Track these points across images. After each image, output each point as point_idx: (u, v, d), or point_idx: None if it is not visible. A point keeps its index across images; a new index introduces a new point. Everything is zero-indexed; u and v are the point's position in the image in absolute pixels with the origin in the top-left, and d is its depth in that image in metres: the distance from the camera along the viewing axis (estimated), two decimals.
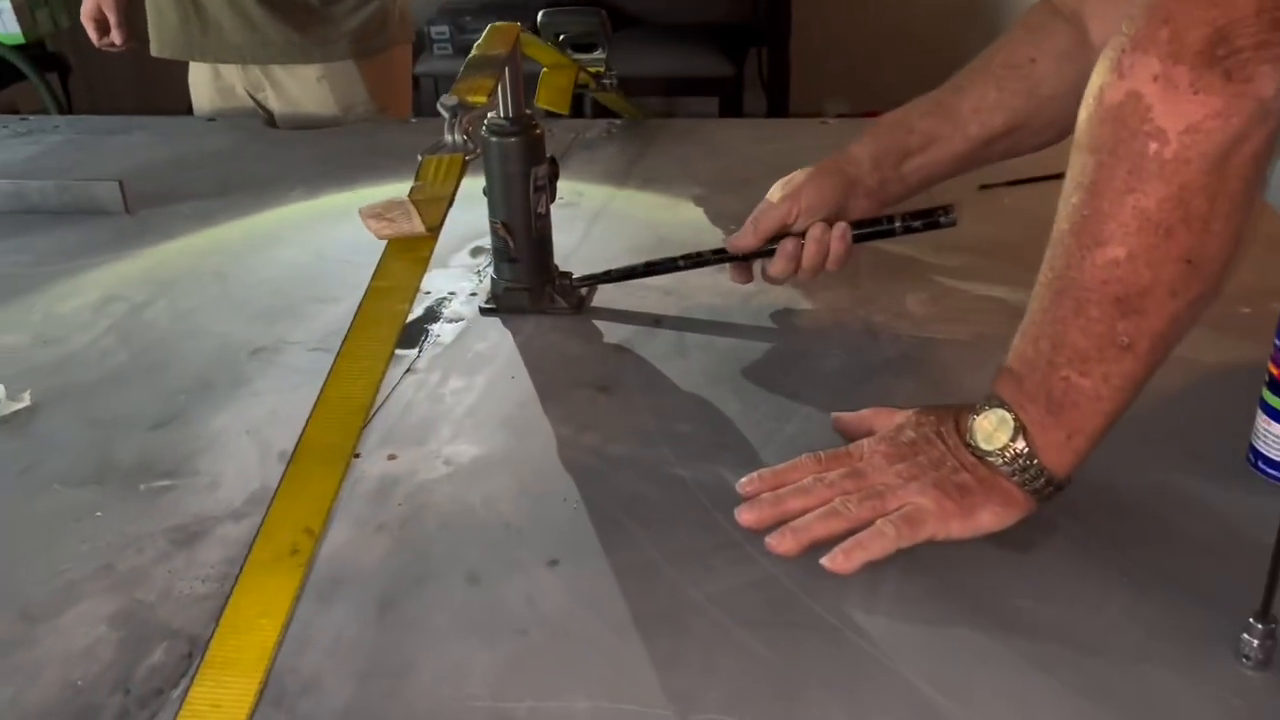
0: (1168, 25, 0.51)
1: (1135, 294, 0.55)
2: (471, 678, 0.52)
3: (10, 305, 0.97)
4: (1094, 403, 0.58)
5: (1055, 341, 0.58)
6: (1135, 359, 0.57)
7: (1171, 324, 0.56)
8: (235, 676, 0.46)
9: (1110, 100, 0.54)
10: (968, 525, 0.60)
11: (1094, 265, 0.55)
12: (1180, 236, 0.53)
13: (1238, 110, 0.51)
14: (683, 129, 1.47)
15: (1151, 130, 0.52)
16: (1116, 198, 0.54)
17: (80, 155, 1.45)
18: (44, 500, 0.68)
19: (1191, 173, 0.52)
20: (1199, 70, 0.51)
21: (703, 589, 0.58)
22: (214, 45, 1.60)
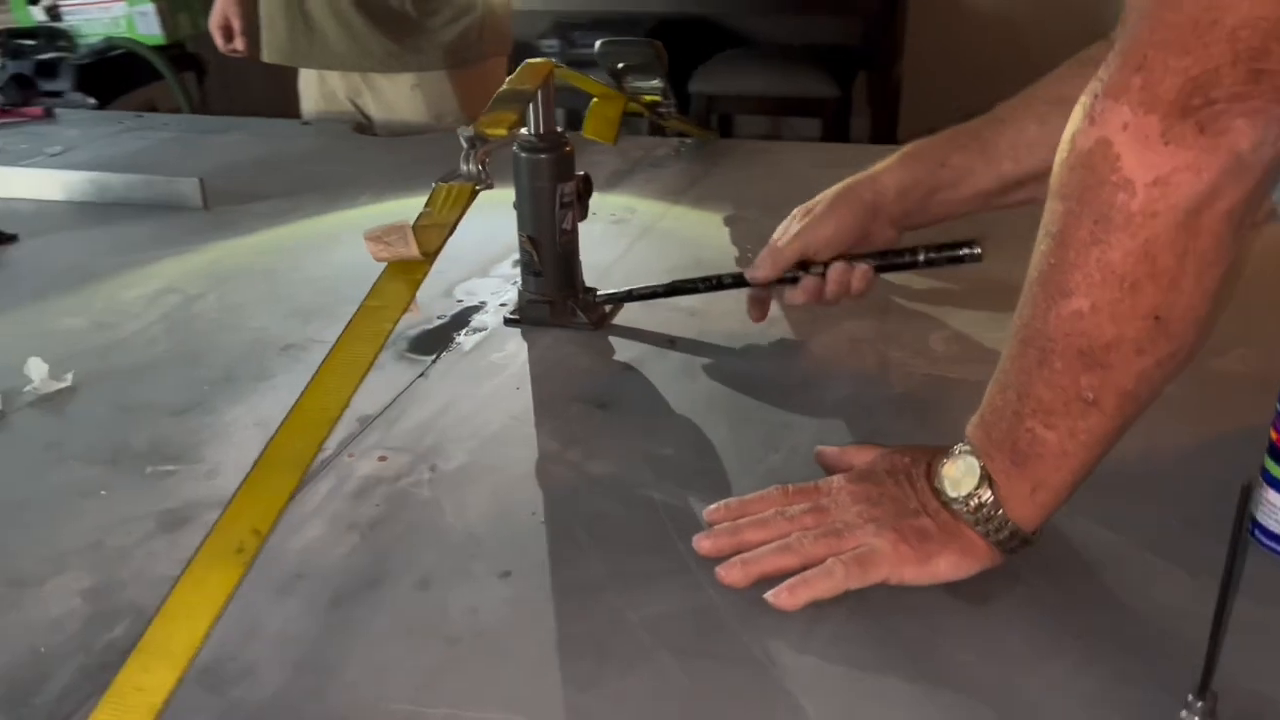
0: (1141, 72, 0.49)
1: (1099, 348, 0.53)
2: (395, 681, 0.54)
3: (80, 290, 1.04)
4: (1059, 457, 0.56)
5: (1020, 392, 0.56)
6: (1101, 415, 0.54)
7: (1139, 382, 0.53)
8: (161, 663, 0.49)
9: (1081, 146, 0.52)
10: (923, 572, 0.58)
11: (1058, 316, 0.53)
12: (1147, 292, 0.51)
13: (1209, 165, 0.48)
14: (750, 150, 1.47)
15: (1119, 180, 0.50)
16: (1082, 248, 0.52)
17: (180, 152, 1.54)
18: (59, 475, 0.73)
19: (1159, 226, 0.50)
20: (1171, 121, 0.48)
21: (640, 612, 0.58)
22: (318, 53, 1.67)
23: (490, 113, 0.81)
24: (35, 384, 0.83)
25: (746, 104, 2.94)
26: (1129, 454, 0.69)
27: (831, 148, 1.74)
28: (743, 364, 0.85)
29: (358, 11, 1.60)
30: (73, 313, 0.98)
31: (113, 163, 1.43)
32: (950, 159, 0.84)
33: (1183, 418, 0.75)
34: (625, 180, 1.31)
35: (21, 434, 0.78)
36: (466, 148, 0.76)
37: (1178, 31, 0.47)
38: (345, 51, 1.64)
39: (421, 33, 1.62)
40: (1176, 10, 0.47)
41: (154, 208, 1.26)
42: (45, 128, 1.67)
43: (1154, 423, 0.73)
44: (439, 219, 0.73)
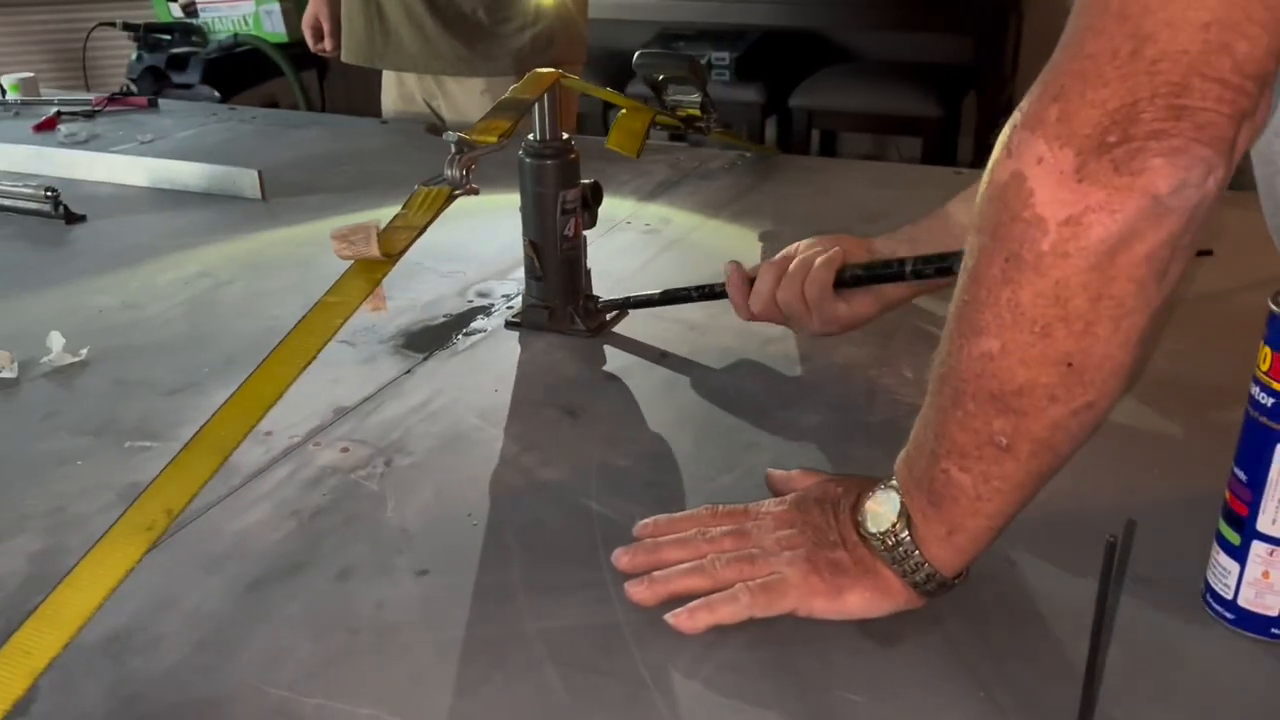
0: (1058, 103, 0.46)
1: (1011, 392, 0.50)
2: (284, 667, 0.54)
3: (122, 271, 1.09)
4: (974, 502, 0.53)
5: (938, 431, 0.54)
6: (1016, 461, 0.51)
7: (1054, 430, 0.50)
8: (51, 629, 0.51)
9: (997, 179, 0.48)
10: (832, 606, 0.56)
11: (969, 356, 0.51)
12: (1058, 336, 0.48)
13: (1124, 206, 0.45)
14: (808, 167, 1.45)
15: (1031, 217, 0.47)
16: (993, 286, 0.49)
17: (257, 144, 1.60)
18: (47, 443, 0.76)
19: (1070, 268, 0.46)
20: (1086, 157, 0.45)
21: (541, 623, 0.57)
22: (393, 54, 1.72)
23: (485, 119, 0.82)
24: (51, 356, 0.87)
25: (847, 120, 2.89)
26: (1098, 504, 0.66)
27: (888, 168, 1.69)
28: (728, 381, 0.84)
29: (430, 15, 1.64)
30: (108, 291, 1.03)
31: (194, 152, 1.50)
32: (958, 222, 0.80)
33: (1166, 470, 0.71)
34: (670, 190, 1.31)
35: (27, 401, 0.83)
36: (453, 152, 0.77)
37: (1095, 61, 0.44)
38: (418, 54, 1.68)
39: (493, 39, 1.65)
40: (1096, 39, 0.45)
41: (216, 197, 1.32)
42: (146, 116, 1.76)
43: (1131, 474, 0.69)
44: (410, 221, 0.74)
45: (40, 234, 1.20)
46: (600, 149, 1.05)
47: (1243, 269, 0.95)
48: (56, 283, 1.07)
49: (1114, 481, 0.68)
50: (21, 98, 1.83)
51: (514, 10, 1.65)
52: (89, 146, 1.55)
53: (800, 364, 0.86)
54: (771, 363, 0.87)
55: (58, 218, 1.22)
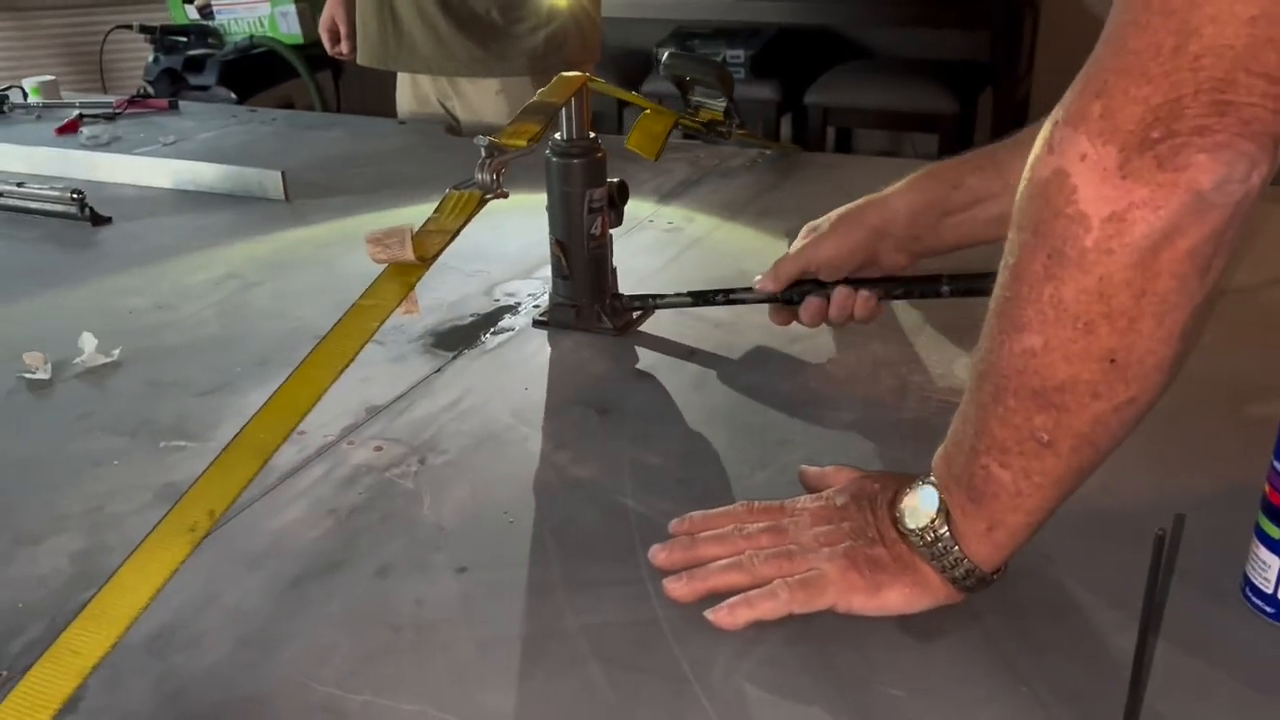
0: (1101, 99, 0.46)
1: (1053, 388, 0.50)
2: (328, 664, 0.55)
3: (150, 272, 1.10)
4: (1014, 498, 0.53)
5: (978, 428, 0.54)
6: (1056, 457, 0.51)
7: (1096, 426, 0.50)
8: (99, 628, 0.51)
9: (1038, 176, 0.49)
10: (871, 602, 0.56)
11: (1011, 352, 0.51)
12: (1101, 333, 0.48)
13: (1167, 202, 0.45)
14: (828, 164, 1.45)
15: (1075, 214, 0.47)
16: (1036, 282, 0.49)
17: (279, 146, 1.61)
18: (83, 443, 0.77)
19: (1113, 264, 0.46)
20: (1129, 153, 0.45)
21: (582, 619, 0.57)
22: (407, 56, 1.73)
23: (514, 123, 0.82)
24: (84, 357, 0.88)
25: (863, 117, 2.89)
26: (1135, 499, 0.66)
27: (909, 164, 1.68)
28: (757, 378, 0.84)
29: (444, 17, 1.65)
30: (139, 292, 1.04)
31: (216, 153, 1.51)
32: (965, 181, 0.81)
33: (1203, 464, 0.70)
34: (691, 189, 1.31)
35: (61, 402, 0.83)
36: (484, 156, 0.77)
37: (1139, 57, 0.44)
38: (432, 55, 1.69)
39: (506, 39, 1.65)
40: (1140, 34, 0.44)
41: (240, 198, 1.33)
42: (167, 118, 1.77)
43: (1168, 469, 0.69)
44: (443, 225, 0.75)
45: (67, 236, 1.21)
46: (618, 148, 1.05)
47: (1277, 263, 0.95)
48: (86, 284, 1.08)
49: (1150, 476, 0.68)
50: (43, 100, 1.84)
51: (527, 10, 1.65)
52: (111, 149, 1.56)
53: (829, 361, 0.86)
54: (800, 360, 0.87)
55: (84, 220, 1.23)
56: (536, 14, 1.65)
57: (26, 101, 1.84)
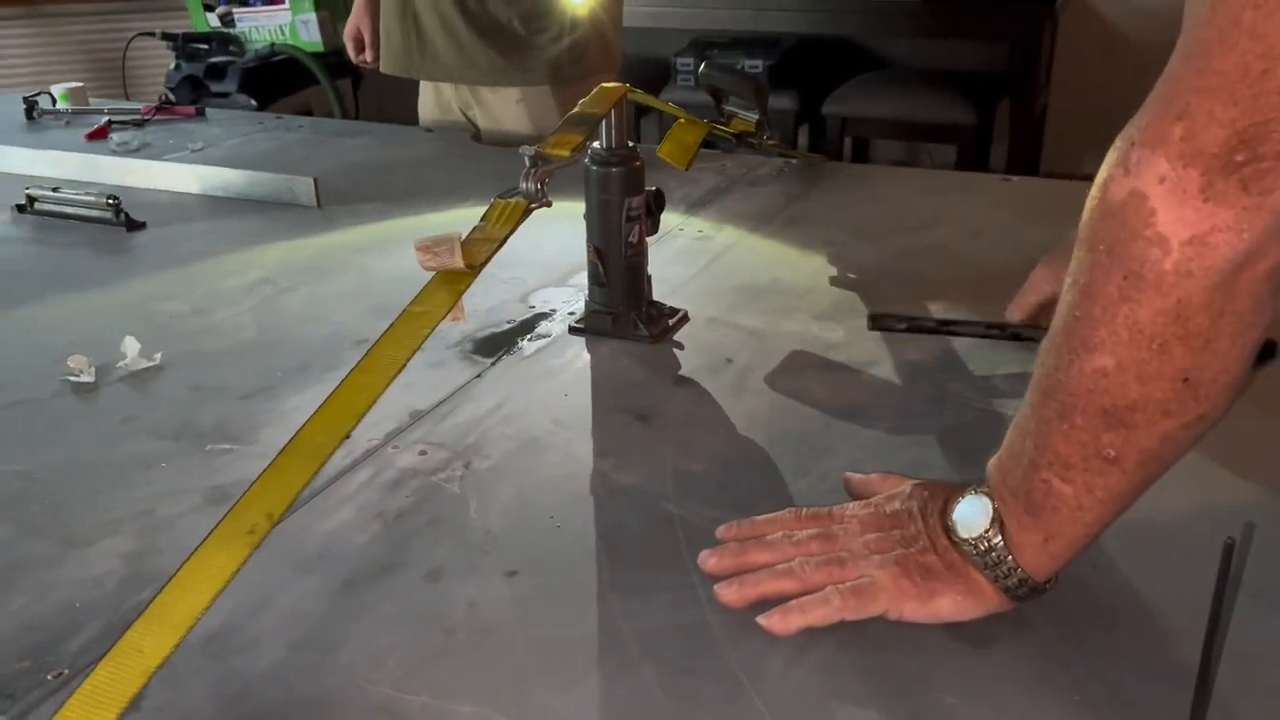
0: (1182, 121, 0.45)
1: (1124, 407, 0.50)
2: (385, 666, 0.55)
3: (188, 276, 1.11)
4: (1074, 511, 0.53)
5: (1039, 442, 0.54)
6: (1122, 473, 0.52)
7: (1164, 443, 0.50)
8: (163, 629, 0.52)
9: (1113, 196, 0.48)
10: (923, 609, 0.57)
11: (1081, 372, 0.51)
12: (1176, 353, 0.48)
13: (1252, 225, 0.44)
14: (855, 174, 1.45)
15: (1153, 236, 0.46)
16: (1110, 304, 0.49)
17: (307, 152, 1.62)
18: (129, 447, 0.78)
19: (1193, 287, 0.46)
20: (1212, 176, 0.44)
21: (634, 623, 0.58)
22: (429, 65, 1.74)
23: (557, 133, 0.83)
24: (127, 361, 0.89)
25: (880, 127, 2.90)
26: (1182, 508, 0.66)
27: (935, 174, 1.69)
28: (795, 386, 0.85)
29: (466, 26, 1.66)
30: (176, 297, 1.05)
31: (244, 160, 1.52)
32: None
33: (1252, 475, 0.71)
34: (720, 197, 1.32)
35: (106, 405, 0.84)
36: (528, 166, 0.78)
37: (1225, 79, 0.43)
38: (454, 64, 1.70)
39: (527, 49, 1.66)
40: (1226, 55, 0.43)
41: (270, 204, 1.34)
42: (194, 125, 1.79)
43: (1216, 479, 0.69)
44: (490, 233, 0.75)
45: (103, 241, 1.22)
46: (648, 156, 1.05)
47: None
48: (124, 289, 1.08)
49: (1198, 485, 0.68)
50: (72, 107, 1.86)
51: (549, 20, 1.66)
52: (141, 155, 1.57)
53: (865, 369, 0.87)
54: (836, 368, 0.87)
55: (119, 225, 1.24)
56: (558, 24, 1.66)
57: (55, 107, 1.86)
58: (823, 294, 1.01)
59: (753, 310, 0.98)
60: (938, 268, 1.06)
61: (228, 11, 3.14)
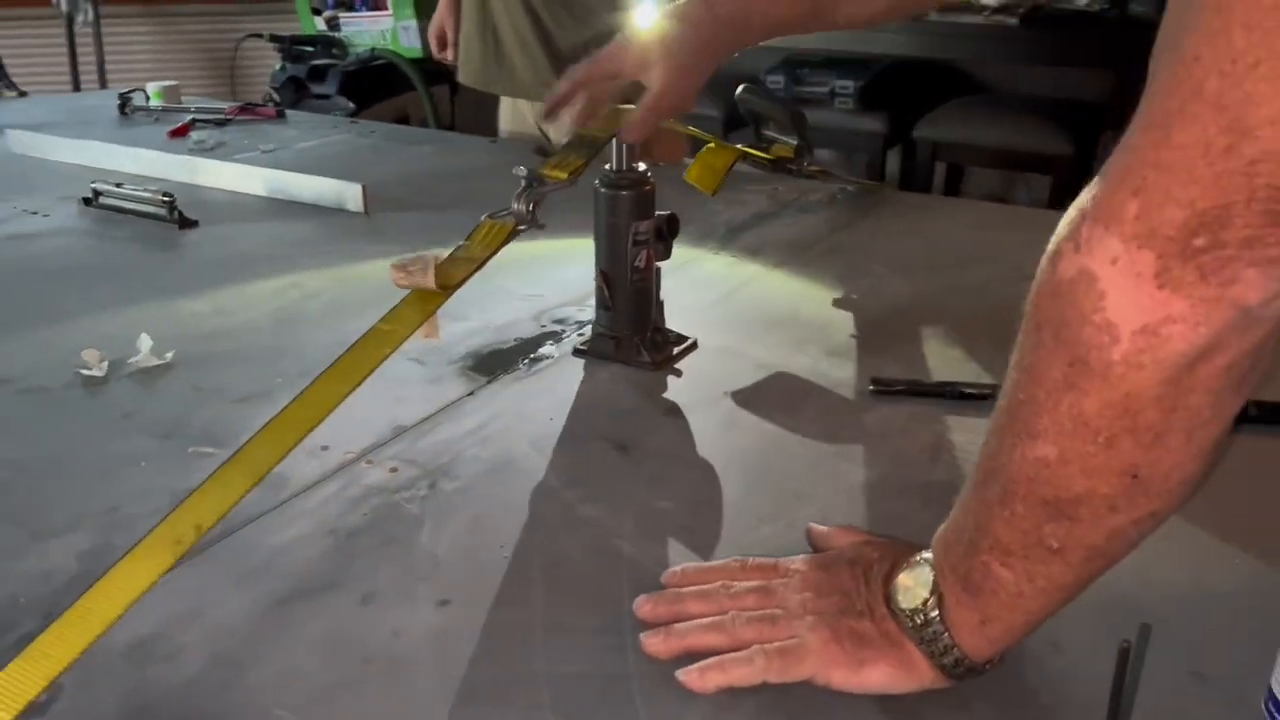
0: (1138, 198, 0.40)
1: (1067, 500, 0.46)
2: (294, 689, 0.55)
3: (221, 276, 1.13)
4: (1014, 598, 0.49)
5: (979, 523, 0.50)
6: (1065, 565, 0.48)
7: (1111, 538, 0.46)
8: (74, 634, 0.52)
9: (1061, 274, 0.43)
10: (852, 678, 0.53)
11: (1023, 459, 0.47)
12: (1124, 448, 0.44)
13: (1210, 318, 0.40)
14: (911, 204, 1.41)
15: (1101, 322, 0.42)
16: (1054, 390, 0.45)
17: (371, 158, 1.65)
18: (119, 443, 0.79)
19: (1143, 380, 0.42)
20: (1168, 261, 0.40)
21: (554, 666, 0.56)
22: (505, 81, 1.75)
23: (559, 155, 0.81)
24: (138, 358, 0.91)
25: (974, 154, 2.81)
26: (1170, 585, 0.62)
27: (998, 210, 1.61)
28: (789, 424, 0.81)
29: (542, 48, 1.67)
30: (203, 297, 1.07)
31: (310, 163, 1.55)
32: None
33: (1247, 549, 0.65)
34: (763, 222, 1.29)
35: (109, 400, 0.86)
36: (522, 186, 0.77)
37: (1184, 154, 0.39)
38: (529, 82, 1.71)
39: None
40: (1187, 127, 0.39)
41: (322, 208, 1.36)
42: (272, 126, 1.84)
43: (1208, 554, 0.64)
44: (472, 253, 0.75)
45: (154, 237, 1.26)
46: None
47: None
48: (158, 286, 1.11)
49: (1183, 560, 0.63)
50: (163, 104, 1.93)
51: None
52: (215, 154, 1.62)
53: (866, 411, 0.83)
54: (836, 408, 0.84)
55: (172, 222, 1.28)
56: None
57: (148, 105, 1.94)
58: (840, 329, 0.98)
59: (765, 342, 0.95)
60: (969, 308, 1.02)
61: (334, 16, 3.24)
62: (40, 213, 1.34)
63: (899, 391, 0.85)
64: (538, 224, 0.77)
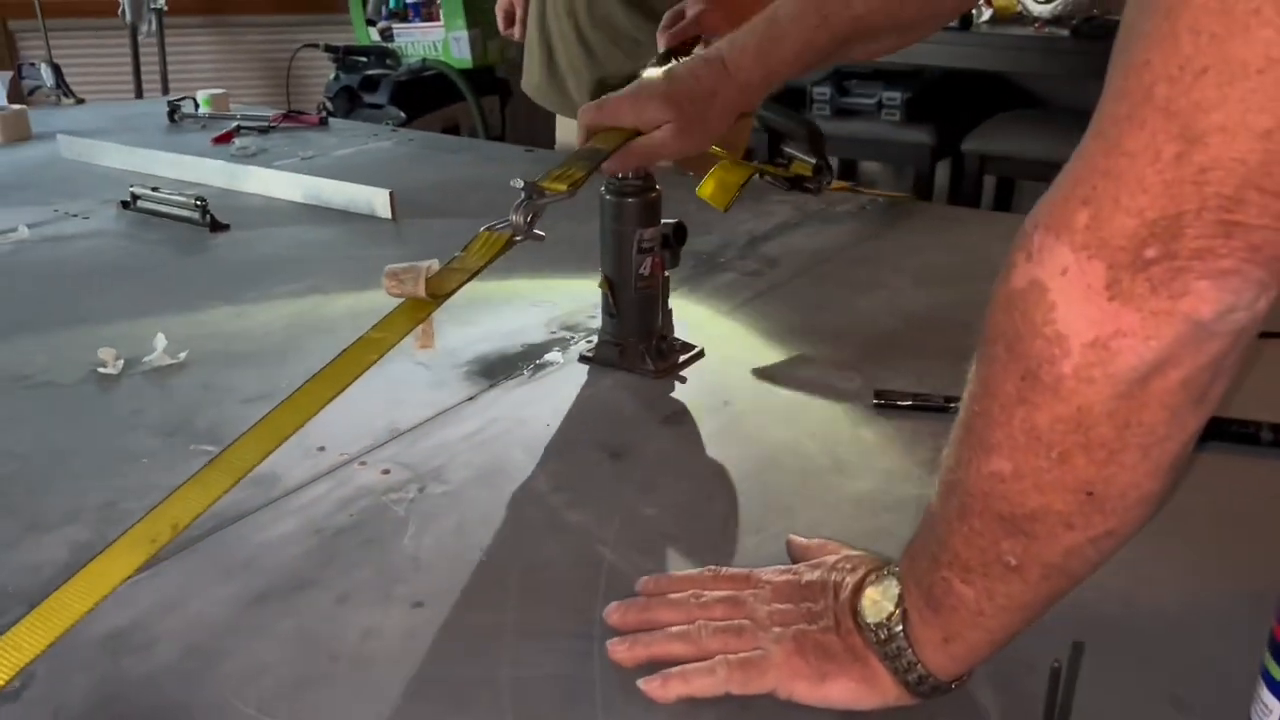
0: (1088, 207, 0.39)
1: (1022, 516, 0.45)
2: (258, 684, 0.55)
3: (247, 278, 1.15)
4: (975, 615, 0.48)
5: (941, 539, 0.49)
6: (1024, 583, 0.46)
7: (1068, 556, 0.45)
8: (43, 626, 0.53)
9: (1014, 284, 0.42)
10: (814, 692, 0.52)
11: (979, 473, 0.46)
12: (1078, 464, 0.42)
13: (1160, 331, 0.39)
14: (941, 216, 1.39)
15: (1052, 334, 0.41)
16: (1007, 404, 0.44)
17: (406, 166, 1.67)
18: (124, 439, 0.81)
19: (1094, 395, 0.41)
20: (1118, 272, 0.39)
21: (518, 670, 0.56)
22: (559, 99, 1.77)
23: (560, 166, 0.81)
24: (152, 356, 0.93)
25: (1024, 168, 2.75)
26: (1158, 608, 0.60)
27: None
28: (785, 436, 0.81)
29: (590, 74, 1.67)
30: (227, 298, 1.09)
31: (344, 170, 1.57)
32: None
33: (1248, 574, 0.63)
34: (787, 232, 1.28)
35: (121, 397, 0.88)
36: (522, 198, 0.77)
37: (1133, 161, 0.38)
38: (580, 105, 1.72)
39: None
40: (1136, 133, 0.38)
41: (352, 214, 1.38)
42: (314, 134, 1.87)
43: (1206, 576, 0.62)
44: (466, 264, 0.74)
45: (185, 240, 1.28)
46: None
47: None
48: (183, 287, 1.14)
49: (1180, 582, 0.61)
50: (210, 112, 1.98)
51: None
52: (257, 160, 1.65)
53: (866, 424, 0.82)
54: (836, 420, 0.83)
55: (204, 226, 1.31)
56: None
57: (196, 112, 1.98)
58: (851, 341, 0.97)
59: (773, 352, 0.95)
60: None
61: (388, 27, 3.29)
62: (81, 215, 1.37)
63: (902, 405, 0.83)
64: (535, 236, 0.77)
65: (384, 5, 3.31)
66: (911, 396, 0.84)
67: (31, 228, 1.30)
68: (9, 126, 1.80)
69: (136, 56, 3.30)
